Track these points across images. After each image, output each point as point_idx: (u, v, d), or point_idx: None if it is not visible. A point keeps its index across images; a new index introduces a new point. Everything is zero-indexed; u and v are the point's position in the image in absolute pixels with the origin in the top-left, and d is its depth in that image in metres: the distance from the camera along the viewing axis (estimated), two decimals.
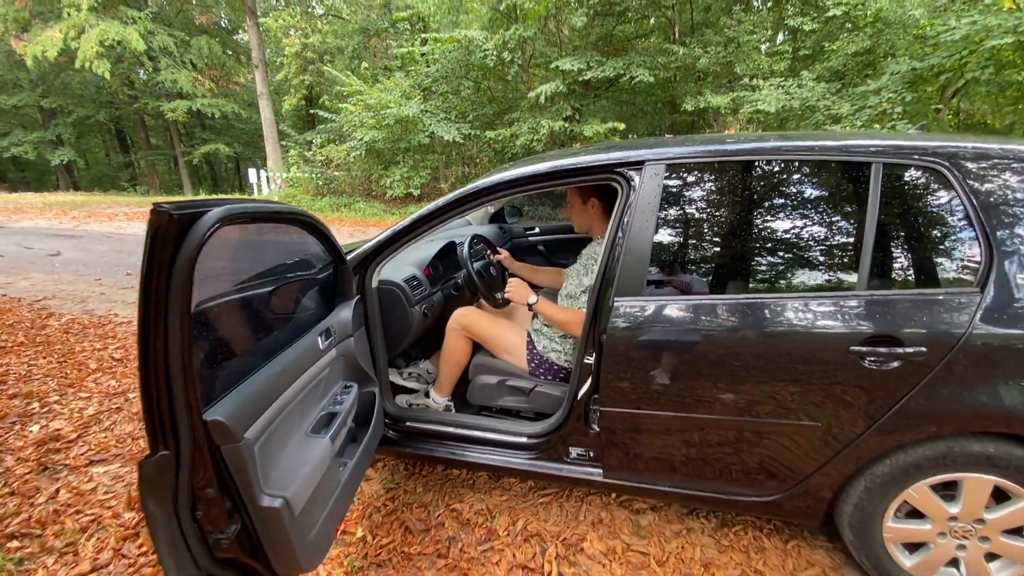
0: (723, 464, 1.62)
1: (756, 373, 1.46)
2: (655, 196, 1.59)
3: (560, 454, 1.85)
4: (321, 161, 13.18)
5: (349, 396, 1.56)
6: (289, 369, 1.27)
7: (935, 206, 1.44)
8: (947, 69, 7.87)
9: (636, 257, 1.58)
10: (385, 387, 2.06)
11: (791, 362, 1.43)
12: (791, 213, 1.55)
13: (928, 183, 1.44)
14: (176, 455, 0.92)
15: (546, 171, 1.74)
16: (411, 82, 11.81)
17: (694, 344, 1.51)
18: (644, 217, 1.59)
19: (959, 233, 1.40)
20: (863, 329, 1.39)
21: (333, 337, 1.57)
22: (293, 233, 1.53)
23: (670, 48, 10.29)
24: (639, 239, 1.59)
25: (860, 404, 1.42)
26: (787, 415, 1.48)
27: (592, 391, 1.72)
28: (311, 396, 1.41)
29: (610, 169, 1.68)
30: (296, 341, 1.38)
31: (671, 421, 1.59)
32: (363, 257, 1.90)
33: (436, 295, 2.27)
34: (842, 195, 1.53)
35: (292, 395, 1.26)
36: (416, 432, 2.04)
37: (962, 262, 1.39)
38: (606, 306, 1.61)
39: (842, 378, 1.41)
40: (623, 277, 1.59)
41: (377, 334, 1.98)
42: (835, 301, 1.43)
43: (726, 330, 1.49)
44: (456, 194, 1.82)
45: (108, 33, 15.24)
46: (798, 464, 1.54)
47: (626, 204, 1.64)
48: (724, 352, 1.48)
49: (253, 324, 1.31)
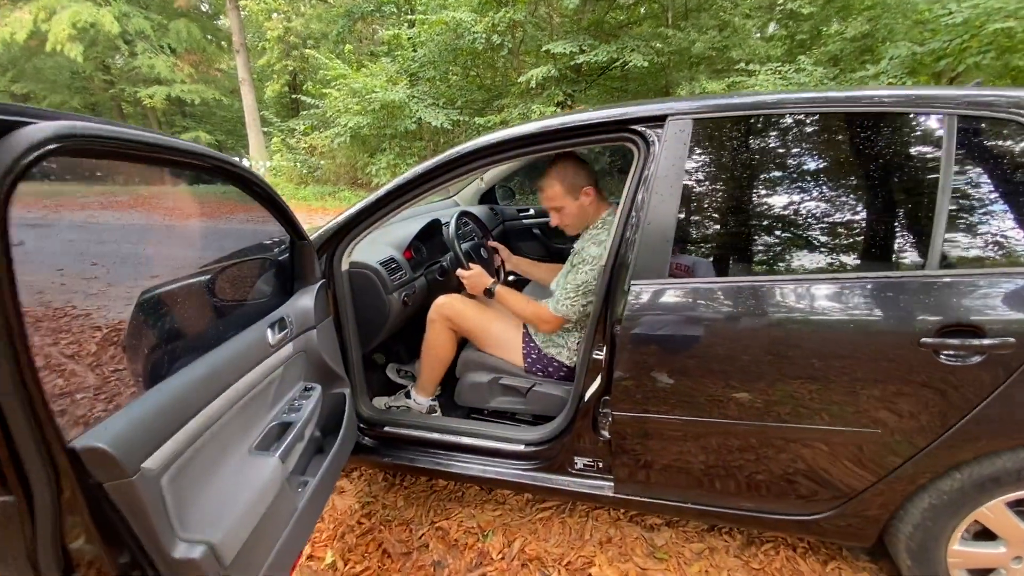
0: (759, 477, 1.36)
1: (806, 371, 1.20)
2: (680, 159, 1.32)
3: (564, 464, 1.58)
4: (305, 149, 12.77)
5: (310, 401, 1.28)
6: (221, 371, 0.98)
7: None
8: (948, 54, 7.67)
9: (657, 233, 1.32)
10: (359, 386, 1.78)
11: (851, 357, 1.17)
12: (847, 178, 1.29)
13: (1017, 140, 1.18)
14: (27, 499, 0.64)
15: (544, 130, 1.46)
16: (397, 67, 11.42)
17: (729, 337, 1.25)
18: (667, 185, 1.32)
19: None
20: (938, 317, 1.13)
21: (289, 329, 1.28)
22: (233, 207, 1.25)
23: (664, 32, 10.01)
24: (661, 212, 1.32)
25: (931, 407, 1.17)
26: (842, 420, 1.22)
27: (602, 392, 1.46)
28: (257, 404, 1.13)
29: (623, 126, 1.41)
30: (234, 336, 1.09)
31: (699, 428, 1.33)
32: (330, 234, 1.61)
33: (419, 281, 1.99)
34: (909, 156, 1.27)
35: (225, 404, 0.98)
36: (395, 438, 1.77)
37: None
38: (619, 292, 1.34)
39: (911, 376, 1.16)
40: (641, 257, 1.32)
41: (348, 325, 1.70)
42: (904, 284, 1.17)
43: (770, 320, 1.23)
44: (441, 158, 1.54)
45: (80, 15, 14.62)
46: (850, 478, 1.29)
47: (643, 169, 1.37)
48: (766, 346, 1.22)
49: (166, 317, 1.02)
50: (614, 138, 1.44)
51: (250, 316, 1.21)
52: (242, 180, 1.13)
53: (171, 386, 0.87)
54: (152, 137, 0.87)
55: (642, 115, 1.39)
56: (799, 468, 1.31)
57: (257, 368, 1.12)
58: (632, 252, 1.33)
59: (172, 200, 1.56)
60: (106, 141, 0.76)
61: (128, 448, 0.72)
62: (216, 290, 1.20)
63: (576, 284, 1.61)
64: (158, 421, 0.80)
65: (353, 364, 1.72)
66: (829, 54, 9.52)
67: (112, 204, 1.39)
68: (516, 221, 3.09)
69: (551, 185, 1.70)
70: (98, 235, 1.36)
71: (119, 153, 0.82)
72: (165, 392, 0.85)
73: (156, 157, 0.92)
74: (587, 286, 1.60)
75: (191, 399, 0.89)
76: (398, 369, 2.24)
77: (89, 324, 1.25)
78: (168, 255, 1.38)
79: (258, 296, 1.32)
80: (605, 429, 1.47)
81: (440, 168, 1.55)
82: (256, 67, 17.97)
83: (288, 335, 1.28)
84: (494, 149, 1.52)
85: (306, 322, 1.39)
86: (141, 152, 0.86)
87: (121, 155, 0.83)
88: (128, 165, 0.91)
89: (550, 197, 1.72)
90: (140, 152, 0.86)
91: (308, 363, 1.40)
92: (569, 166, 1.68)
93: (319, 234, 1.62)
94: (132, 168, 0.95)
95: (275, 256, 1.42)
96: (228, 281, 1.24)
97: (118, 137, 0.78)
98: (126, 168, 0.95)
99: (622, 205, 1.41)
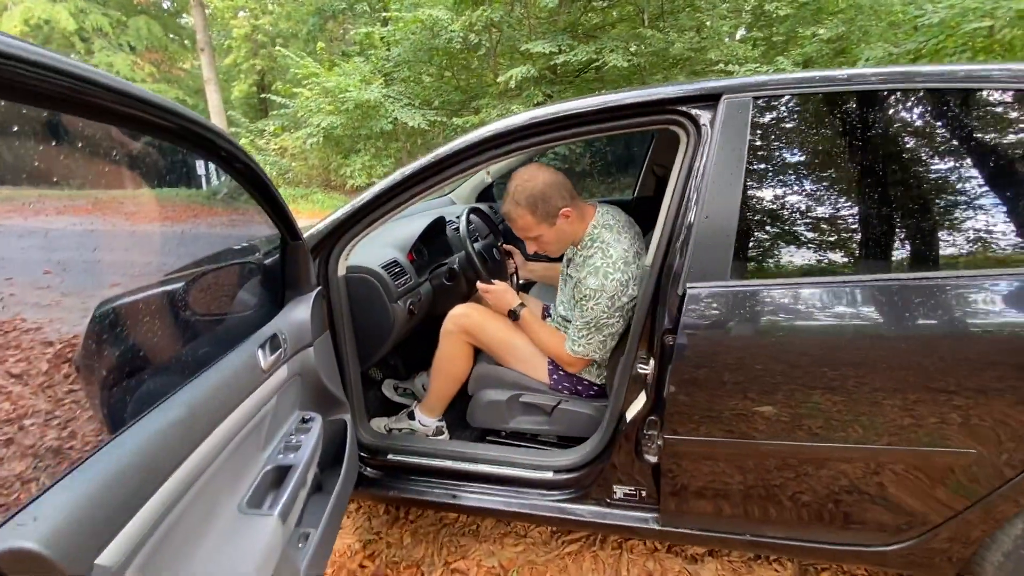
0: (832, 505, 1.19)
1: (907, 385, 1.04)
2: (739, 143, 1.14)
3: (601, 494, 1.39)
4: (275, 150, 12.32)
5: (310, 436, 1.05)
6: (203, 410, 0.76)
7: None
8: (923, 54, 7.79)
9: (716, 229, 1.14)
10: (359, 409, 1.55)
11: (970, 367, 1.01)
12: (945, 163, 1.13)
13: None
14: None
15: (571, 113, 1.27)
16: (371, 67, 11.11)
17: (817, 346, 1.08)
18: (726, 172, 1.14)
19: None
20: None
21: (283, 348, 1.05)
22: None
23: (643, 33, 9.97)
24: (719, 204, 1.14)
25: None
26: (946, 440, 1.06)
27: (647, 411, 1.27)
28: (248, 446, 0.90)
29: (666, 107, 1.23)
30: (216, 363, 0.86)
31: (770, 452, 1.16)
32: (324, 235, 1.39)
33: (423, 286, 1.77)
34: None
35: (209, 454, 0.75)
36: (401, 467, 1.55)
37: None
38: (671, 297, 1.16)
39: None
40: (697, 257, 1.14)
41: (346, 339, 1.47)
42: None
43: (864, 326, 1.06)
44: (451, 147, 1.33)
45: (33, 11, 13.90)
46: (938, 504, 1.13)
47: (694, 157, 1.19)
48: (861, 356, 1.05)
49: (126, 340, 0.79)
50: (656, 121, 1.26)
51: (236, 335, 0.98)
52: (218, 152, 0.90)
53: (135, 439, 0.64)
54: (92, 73, 0.58)
55: (691, 94, 1.21)
56: (883, 494, 1.15)
57: (248, 401, 0.89)
58: (685, 252, 1.15)
59: (139, 204, 1.32)
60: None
61: (72, 542, 0.50)
62: (192, 304, 0.96)
63: (585, 322, 1.42)
64: (117, 493, 0.57)
65: (351, 384, 1.50)
66: (805, 56, 9.62)
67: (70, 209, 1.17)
68: None
69: (521, 215, 1.42)
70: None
71: (32, 89, 0.53)
72: (127, 448, 0.62)
73: (93, 103, 0.62)
74: (598, 321, 1.41)
75: (164, 453, 0.66)
76: (396, 386, 2.01)
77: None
78: (135, 260, 1.14)
79: (244, 309, 1.09)
80: (651, 453, 1.28)
81: (450, 159, 1.34)
82: (222, 66, 17.39)
83: (283, 355, 1.05)
84: (511, 136, 1.32)
85: (302, 339, 1.16)
86: (71, 93, 0.57)
87: (36, 93, 0.55)
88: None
89: (522, 228, 1.45)
90: (69, 93, 0.57)
91: (305, 388, 1.18)
92: (539, 187, 1.39)
93: (310, 234, 1.39)
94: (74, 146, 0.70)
95: (262, 260, 1.18)
96: (207, 292, 1.01)
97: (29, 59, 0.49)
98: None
99: (669, 198, 1.23)
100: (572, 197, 1.44)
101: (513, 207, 1.43)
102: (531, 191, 1.40)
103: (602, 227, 1.46)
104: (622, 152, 3.37)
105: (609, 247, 1.40)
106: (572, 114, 1.27)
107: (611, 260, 1.38)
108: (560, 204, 1.41)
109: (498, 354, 1.60)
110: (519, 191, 1.41)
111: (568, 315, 1.56)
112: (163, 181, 0.97)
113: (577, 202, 1.46)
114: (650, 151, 2.64)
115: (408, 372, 2.14)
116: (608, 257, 1.39)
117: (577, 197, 1.47)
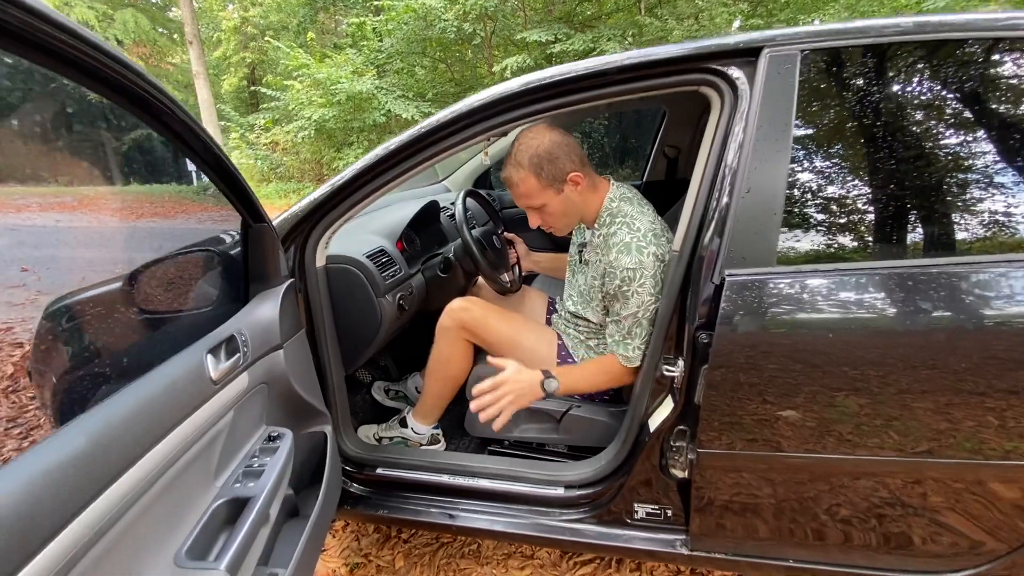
0: (900, 528, 1.02)
1: (996, 387, 0.86)
2: (786, 104, 0.97)
3: (620, 513, 1.22)
4: (266, 144, 12.07)
5: (277, 458, 0.87)
6: (110, 443, 0.57)
7: None
8: None
9: (760, 206, 0.96)
10: (343, 418, 1.37)
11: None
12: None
13: None
14: None
15: (584, 74, 1.08)
16: (363, 59, 10.88)
17: (889, 341, 0.90)
18: (770, 139, 0.97)
19: None
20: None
21: (242, 354, 0.87)
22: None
23: (640, 20, 9.78)
24: (763, 176, 0.97)
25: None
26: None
27: (675, 420, 1.09)
28: (190, 477, 0.72)
29: (697, 66, 1.05)
30: (143, 377, 0.68)
31: (829, 466, 0.99)
32: (300, 219, 1.20)
33: (415, 278, 1.58)
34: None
35: (126, 496, 0.57)
36: (391, 483, 1.37)
37: None
38: (704, 287, 0.98)
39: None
40: (737, 239, 0.96)
41: (327, 339, 1.29)
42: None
43: (946, 317, 0.88)
44: (445, 115, 1.15)
45: None
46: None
47: (730, 123, 1.02)
48: (942, 353, 0.88)
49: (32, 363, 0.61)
50: (684, 82, 1.08)
51: (178, 340, 0.79)
52: (148, 108, 0.71)
53: (11, 482, 0.46)
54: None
55: (726, 48, 1.03)
56: (967, 513, 0.98)
57: (189, 421, 0.71)
58: (723, 233, 0.97)
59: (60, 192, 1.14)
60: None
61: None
62: (122, 305, 0.78)
63: (632, 314, 1.19)
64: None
65: (334, 390, 1.32)
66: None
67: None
68: (515, 208, 2.69)
69: (523, 179, 1.22)
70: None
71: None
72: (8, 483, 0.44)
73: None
74: (646, 308, 1.18)
75: (50, 501, 0.48)
76: (386, 389, 1.83)
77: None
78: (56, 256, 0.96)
79: (192, 308, 0.90)
80: (679, 468, 1.11)
81: (445, 127, 1.16)
82: (211, 60, 17.11)
83: (241, 361, 0.87)
84: (516, 101, 1.14)
85: (268, 340, 0.97)
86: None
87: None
88: None
89: (524, 194, 1.25)
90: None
91: (273, 398, 0.99)
92: (545, 146, 1.20)
93: (284, 218, 1.21)
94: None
95: (219, 248, 1.00)
96: (144, 290, 0.82)
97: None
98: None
99: (701, 172, 1.06)
100: (583, 163, 1.25)
101: (514, 169, 1.22)
102: (535, 150, 1.20)
103: (620, 200, 1.27)
104: (628, 134, 3.18)
105: (634, 220, 1.22)
106: (585, 74, 1.09)
107: (640, 233, 1.19)
108: (569, 168, 1.21)
109: (502, 353, 1.41)
110: (521, 150, 1.21)
111: (579, 310, 1.38)
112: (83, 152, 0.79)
113: (589, 170, 1.27)
114: (661, 131, 2.45)
115: (400, 373, 1.96)
116: (636, 231, 1.19)
117: (589, 165, 1.29)
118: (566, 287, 1.50)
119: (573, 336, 1.41)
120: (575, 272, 1.43)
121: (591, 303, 1.34)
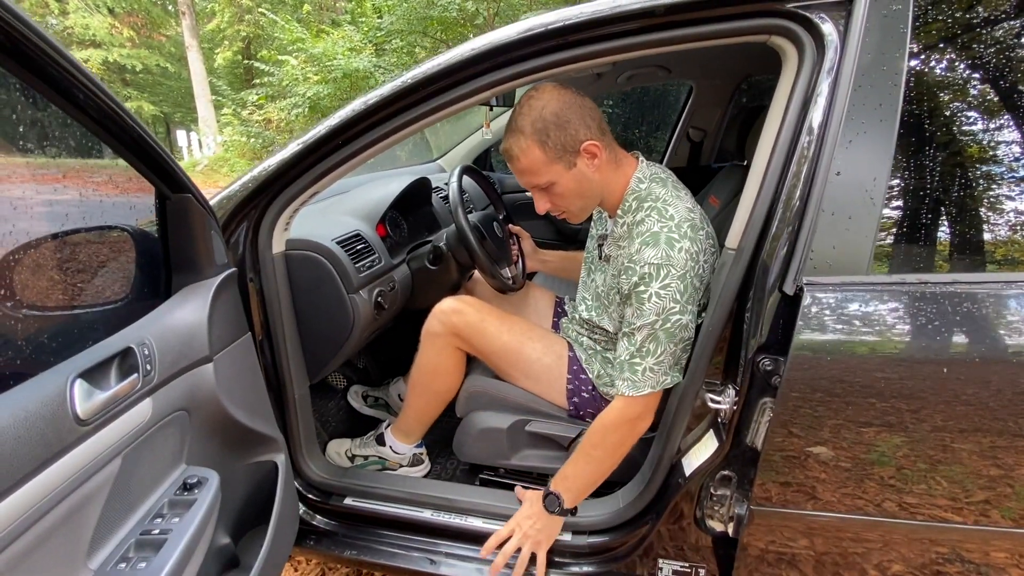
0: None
1: None
2: (895, 57, 0.72)
3: (639, 568, 0.99)
4: (259, 121, 11.74)
5: (192, 516, 0.63)
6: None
7: None
8: None
9: (852, 193, 0.72)
10: (307, 437, 1.13)
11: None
12: None
13: None
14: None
15: (622, 13, 0.83)
16: (362, 36, 10.56)
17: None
18: (871, 102, 0.72)
19: None
20: None
21: (141, 374, 0.62)
22: None
23: None
24: (859, 153, 0.72)
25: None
26: None
27: (719, 462, 0.86)
28: (44, 559, 0.47)
29: (771, 6, 0.80)
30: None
31: (938, 534, 0.76)
32: (250, 192, 0.95)
33: (399, 270, 1.33)
34: None
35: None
36: (362, 517, 1.14)
37: None
38: (770, 298, 0.75)
39: None
40: (821, 239, 0.72)
41: (286, 342, 1.04)
42: None
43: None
44: (440, 62, 0.90)
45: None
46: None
47: (813, 83, 0.77)
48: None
49: None
50: (750, 29, 0.82)
51: (40, 355, 0.54)
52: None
53: None
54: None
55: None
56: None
57: (39, 479, 0.46)
58: (799, 229, 0.73)
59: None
60: None
61: None
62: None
63: (648, 324, 0.94)
64: None
65: (293, 406, 1.07)
66: None
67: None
68: (518, 193, 2.42)
69: (524, 149, 0.96)
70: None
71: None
72: None
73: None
74: (667, 318, 0.92)
75: None
76: (364, 394, 1.59)
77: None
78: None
79: (69, 310, 0.65)
80: (718, 521, 0.88)
81: (436, 78, 0.91)
82: (205, 32, 16.69)
83: (140, 384, 0.62)
84: (524, 50, 0.89)
85: (189, 351, 0.73)
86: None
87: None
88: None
89: (527, 169, 0.99)
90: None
91: (196, 428, 0.75)
92: (552, 108, 0.94)
93: (232, 191, 0.96)
94: None
95: (129, 229, 0.75)
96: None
97: None
98: None
99: (771, 146, 0.81)
100: (602, 131, 0.99)
101: (515, 139, 0.97)
102: (540, 113, 0.94)
103: (651, 180, 1.02)
104: (646, 114, 2.92)
105: (667, 205, 0.96)
106: (618, 15, 0.84)
107: (673, 223, 0.93)
108: (583, 135, 0.95)
109: (500, 366, 1.17)
110: (523, 114, 0.96)
111: (593, 317, 1.13)
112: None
113: (610, 140, 1.01)
114: (685, 111, 2.19)
115: (382, 376, 1.71)
116: (668, 219, 0.94)
117: (610, 135, 1.02)
118: (580, 288, 1.24)
119: (587, 346, 1.17)
120: (592, 270, 1.18)
121: (608, 308, 1.09)
